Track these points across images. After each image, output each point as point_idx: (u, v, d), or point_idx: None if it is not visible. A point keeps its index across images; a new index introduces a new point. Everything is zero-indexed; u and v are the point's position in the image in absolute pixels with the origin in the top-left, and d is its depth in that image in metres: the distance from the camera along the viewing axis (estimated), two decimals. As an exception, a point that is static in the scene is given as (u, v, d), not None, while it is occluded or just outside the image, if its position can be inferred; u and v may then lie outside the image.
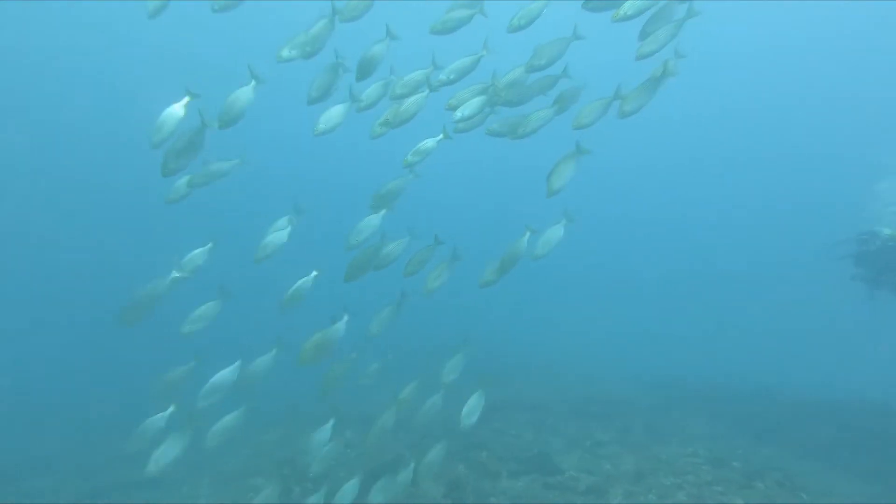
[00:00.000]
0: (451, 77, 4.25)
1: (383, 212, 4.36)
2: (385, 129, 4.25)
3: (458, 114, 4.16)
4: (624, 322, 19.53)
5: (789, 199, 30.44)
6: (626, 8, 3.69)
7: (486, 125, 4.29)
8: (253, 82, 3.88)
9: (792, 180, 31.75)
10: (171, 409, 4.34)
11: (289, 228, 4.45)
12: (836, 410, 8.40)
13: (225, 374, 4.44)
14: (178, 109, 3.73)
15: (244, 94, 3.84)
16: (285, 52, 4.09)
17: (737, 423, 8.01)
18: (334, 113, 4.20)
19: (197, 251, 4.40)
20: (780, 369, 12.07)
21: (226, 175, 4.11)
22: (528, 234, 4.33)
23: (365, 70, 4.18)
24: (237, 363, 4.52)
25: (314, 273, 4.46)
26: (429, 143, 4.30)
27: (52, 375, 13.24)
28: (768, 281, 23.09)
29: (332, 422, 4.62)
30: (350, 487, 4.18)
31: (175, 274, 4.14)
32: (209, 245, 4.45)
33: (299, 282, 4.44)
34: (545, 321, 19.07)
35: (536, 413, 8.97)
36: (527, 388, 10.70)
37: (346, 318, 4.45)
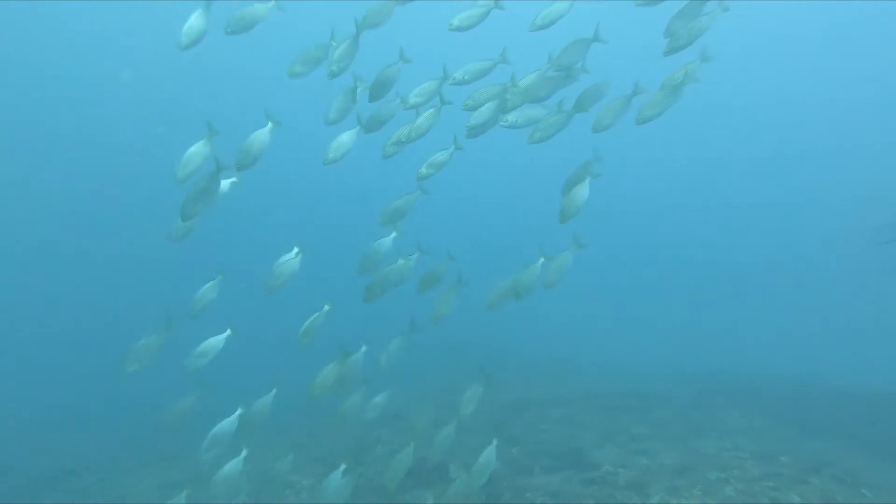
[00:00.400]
0: (466, 77, 4.13)
1: (394, 234, 4.26)
2: (398, 148, 4.18)
3: (472, 121, 4.09)
4: (648, 316, 19.07)
5: (823, 190, 29.34)
6: None
7: (502, 118, 4.15)
8: (270, 124, 3.79)
9: (825, 172, 30.62)
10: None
11: (299, 257, 4.27)
12: (885, 403, 7.94)
13: (225, 425, 4.36)
14: (202, 147, 3.66)
15: (261, 136, 3.74)
16: (296, 68, 3.99)
17: (778, 417, 7.65)
18: (344, 140, 4.10)
19: (208, 285, 4.30)
20: (820, 361, 11.55)
21: (224, 196, 4.00)
22: (540, 260, 4.19)
23: (378, 93, 4.07)
24: (238, 412, 4.40)
25: (326, 308, 4.33)
26: (442, 155, 4.17)
27: (89, 379, 13.65)
28: (806, 271, 22.21)
29: (343, 467, 4.56)
30: None
31: (170, 326, 4.15)
32: (219, 277, 4.35)
33: (313, 316, 4.29)
34: (563, 316, 18.74)
35: (565, 408, 8.76)
36: (553, 384, 10.48)
37: (363, 349, 4.36)
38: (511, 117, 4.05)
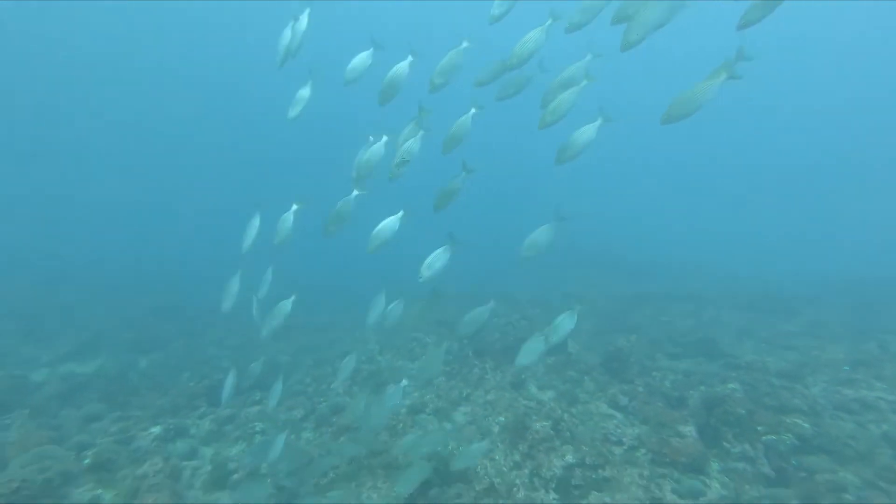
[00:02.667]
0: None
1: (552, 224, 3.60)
2: (403, 168, 3.47)
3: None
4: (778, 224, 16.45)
5: None
6: None
7: None
8: (355, 192, 3.56)
9: None
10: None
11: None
12: None
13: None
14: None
15: (347, 204, 3.58)
16: (293, 111, 3.72)
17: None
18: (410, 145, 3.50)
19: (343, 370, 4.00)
20: None
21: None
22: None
23: (453, 143, 3.49)
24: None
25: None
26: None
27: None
28: None
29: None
30: None
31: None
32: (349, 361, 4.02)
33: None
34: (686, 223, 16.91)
35: (692, 304, 8.02)
36: (675, 282, 9.67)
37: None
38: None
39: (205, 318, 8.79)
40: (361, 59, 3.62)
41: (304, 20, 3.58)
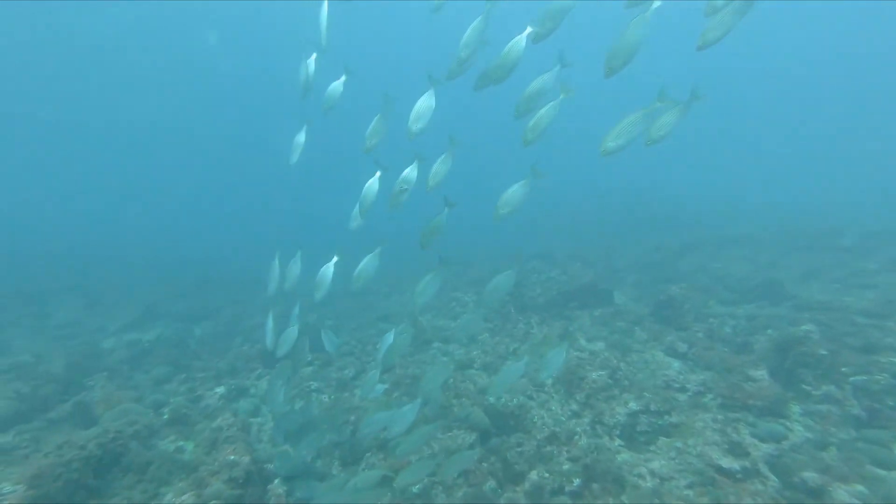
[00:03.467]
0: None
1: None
2: (402, 197, 3.33)
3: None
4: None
5: None
6: None
7: None
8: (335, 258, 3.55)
9: None
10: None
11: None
12: None
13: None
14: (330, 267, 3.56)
15: (328, 270, 3.51)
16: (293, 157, 3.68)
17: None
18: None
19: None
20: None
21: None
22: None
23: (436, 180, 3.27)
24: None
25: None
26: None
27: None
28: None
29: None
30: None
31: None
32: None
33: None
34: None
35: (745, 248, 7.42)
36: (721, 227, 8.98)
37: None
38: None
39: (247, 288, 9.06)
40: (335, 86, 3.51)
41: (311, 63, 3.50)
